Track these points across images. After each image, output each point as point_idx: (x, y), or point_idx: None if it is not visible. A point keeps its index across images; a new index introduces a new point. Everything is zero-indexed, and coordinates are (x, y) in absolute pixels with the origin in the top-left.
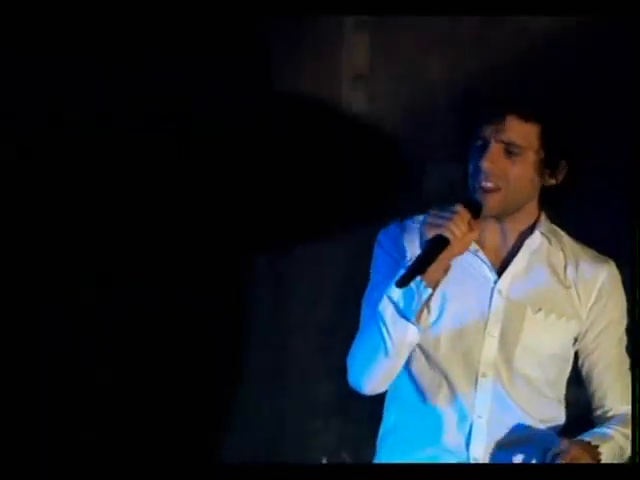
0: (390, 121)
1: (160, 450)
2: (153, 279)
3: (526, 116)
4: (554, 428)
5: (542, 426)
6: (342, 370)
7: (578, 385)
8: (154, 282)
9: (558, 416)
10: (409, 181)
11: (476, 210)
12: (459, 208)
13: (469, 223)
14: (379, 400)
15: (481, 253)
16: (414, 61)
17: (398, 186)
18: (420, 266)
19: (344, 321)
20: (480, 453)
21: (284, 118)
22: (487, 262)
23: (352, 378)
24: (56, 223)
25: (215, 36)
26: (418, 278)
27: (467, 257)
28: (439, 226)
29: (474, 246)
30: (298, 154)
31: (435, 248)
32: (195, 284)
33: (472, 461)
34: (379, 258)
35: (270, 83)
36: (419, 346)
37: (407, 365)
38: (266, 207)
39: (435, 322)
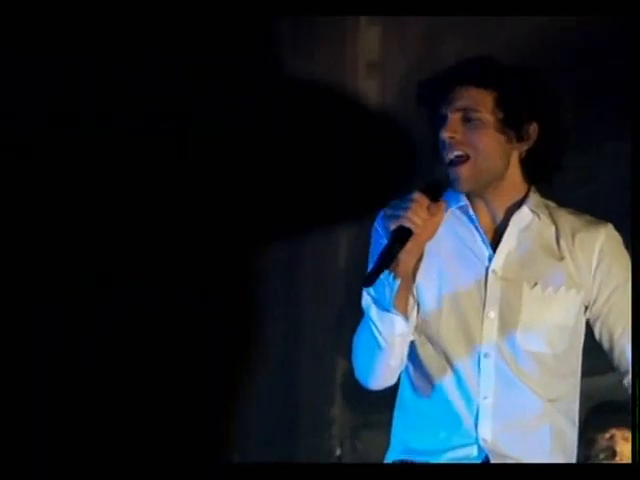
0: (402, 110)
1: (168, 449)
2: (155, 277)
3: (476, 82)
4: (566, 406)
5: (552, 405)
6: None
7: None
8: (155, 281)
9: (571, 393)
10: (420, 170)
11: (434, 193)
12: (416, 195)
13: (429, 208)
14: (393, 389)
15: (478, 232)
16: (426, 50)
17: (409, 174)
18: (383, 262)
19: (356, 311)
20: (488, 434)
21: (296, 108)
22: (486, 239)
23: (358, 375)
24: (56, 223)
25: (228, 28)
26: (386, 271)
27: (467, 237)
28: (398, 217)
29: (473, 225)
30: (310, 143)
31: (398, 240)
32: (199, 281)
33: (481, 442)
34: (375, 244)
35: (282, 73)
36: (424, 332)
37: (415, 351)
38: (275, 195)
39: (434, 308)
